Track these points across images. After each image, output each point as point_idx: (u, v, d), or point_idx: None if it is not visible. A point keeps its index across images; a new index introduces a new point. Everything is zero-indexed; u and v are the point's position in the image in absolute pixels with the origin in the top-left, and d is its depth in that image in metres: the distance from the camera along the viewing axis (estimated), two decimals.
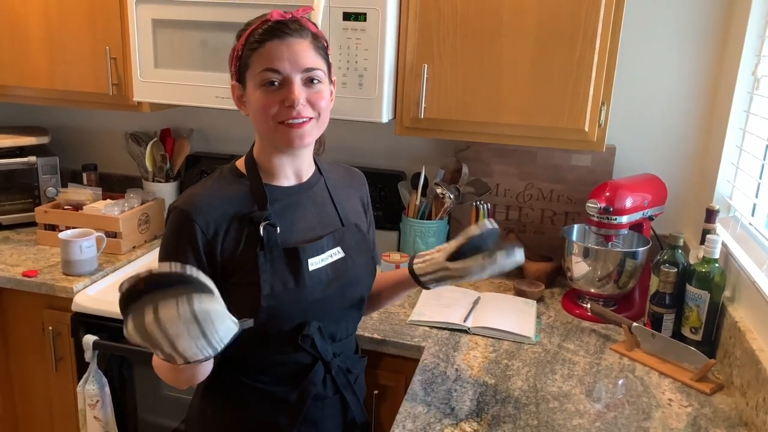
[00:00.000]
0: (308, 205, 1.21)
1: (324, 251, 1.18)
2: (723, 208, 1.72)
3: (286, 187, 1.19)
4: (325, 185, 1.25)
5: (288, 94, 1.07)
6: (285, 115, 1.08)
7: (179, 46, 1.80)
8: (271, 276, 1.11)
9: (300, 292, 1.13)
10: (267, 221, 1.12)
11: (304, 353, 1.18)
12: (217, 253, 1.11)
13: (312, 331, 1.16)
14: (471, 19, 1.65)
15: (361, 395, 1.31)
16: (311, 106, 1.10)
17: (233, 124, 2.30)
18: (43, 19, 1.98)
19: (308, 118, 1.10)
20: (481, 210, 1.94)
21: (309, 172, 1.23)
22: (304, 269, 1.14)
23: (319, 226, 1.21)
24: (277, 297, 1.12)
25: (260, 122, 1.12)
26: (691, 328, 1.55)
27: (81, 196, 2.14)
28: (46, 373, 1.93)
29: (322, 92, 1.12)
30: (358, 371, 1.32)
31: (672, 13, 1.85)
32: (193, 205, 1.11)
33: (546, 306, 1.82)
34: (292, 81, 1.08)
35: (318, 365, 1.19)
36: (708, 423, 1.29)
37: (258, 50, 1.08)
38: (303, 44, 1.09)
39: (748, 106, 1.68)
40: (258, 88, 1.09)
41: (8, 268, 1.89)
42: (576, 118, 1.66)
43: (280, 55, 1.07)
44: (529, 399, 1.34)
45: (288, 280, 1.13)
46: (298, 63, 1.08)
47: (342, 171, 1.34)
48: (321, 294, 1.16)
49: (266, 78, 1.07)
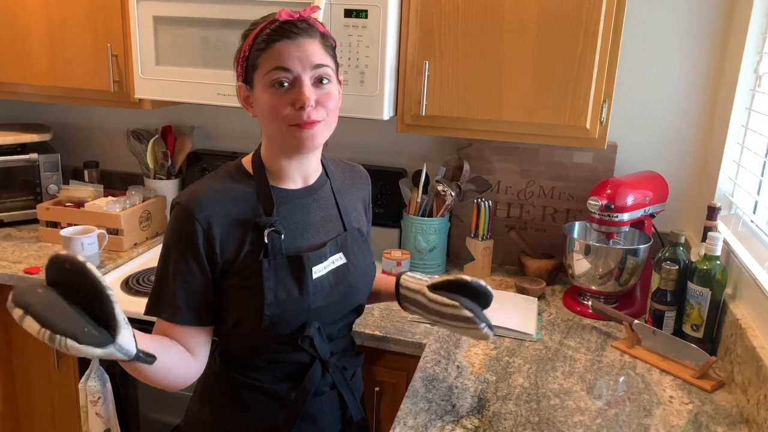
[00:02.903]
0: (313, 209, 1.19)
1: (327, 258, 1.17)
2: (724, 206, 1.72)
3: (292, 190, 1.17)
4: (330, 188, 1.24)
5: (298, 94, 1.06)
6: (296, 118, 1.07)
7: (180, 43, 1.80)
8: (274, 284, 1.10)
9: (303, 301, 1.13)
10: (272, 228, 1.11)
11: (302, 353, 1.17)
12: (218, 254, 1.09)
13: (312, 332, 1.15)
14: (472, 15, 1.65)
15: (357, 392, 1.31)
16: (321, 107, 1.09)
17: (235, 122, 2.30)
18: (45, 17, 1.98)
19: (318, 120, 1.09)
20: (483, 207, 1.93)
21: (316, 174, 1.22)
22: (308, 277, 1.13)
23: (322, 231, 1.19)
24: (281, 305, 1.11)
25: (270, 124, 1.09)
26: (692, 326, 1.55)
27: (83, 193, 2.14)
28: (47, 369, 1.94)
29: (331, 93, 1.10)
30: (354, 368, 1.31)
31: (674, 10, 1.85)
32: (197, 202, 1.09)
33: (547, 303, 1.82)
34: (302, 81, 1.06)
35: (316, 364, 1.19)
36: (709, 420, 1.29)
37: (267, 50, 1.06)
38: (313, 44, 1.07)
39: (749, 103, 1.67)
40: (267, 89, 1.07)
41: (10, 265, 1.90)
42: (577, 116, 1.65)
43: (290, 55, 1.05)
44: (530, 396, 1.34)
45: (292, 289, 1.12)
46: (308, 62, 1.06)
47: (347, 170, 1.32)
48: (323, 301, 1.16)
49: (276, 78, 1.06)
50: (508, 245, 2.05)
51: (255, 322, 1.10)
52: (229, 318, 1.14)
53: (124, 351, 0.88)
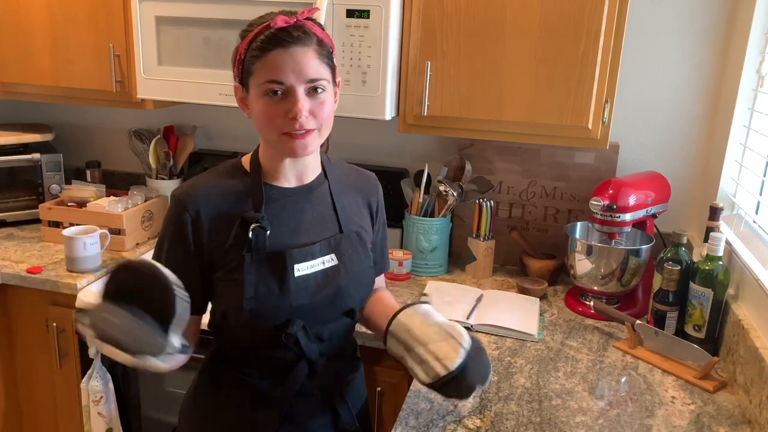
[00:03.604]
0: (306, 208, 1.20)
1: (315, 257, 1.17)
2: (727, 206, 1.72)
3: (285, 188, 1.19)
4: (328, 189, 1.24)
5: (291, 105, 1.06)
6: (288, 127, 1.07)
7: (183, 43, 1.80)
8: (255, 278, 1.12)
9: (284, 297, 1.13)
10: (258, 223, 1.12)
11: (287, 350, 1.17)
12: (204, 244, 1.14)
13: (296, 329, 1.15)
14: (474, 16, 1.65)
15: (354, 400, 1.29)
16: (314, 116, 1.08)
17: (236, 122, 2.30)
18: (47, 17, 1.98)
19: (312, 129, 1.09)
20: (484, 207, 1.93)
21: (313, 174, 1.22)
22: (290, 274, 1.13)
23: (313, 230, 1.20)
24: (261, 300, 1.12)
25: (264, 130, 1.11)
26: (694, 326, 1.55)
27: (85, 193, 2.14)
28: (50, 369, 1.94)
29: (325, 102, 1.09)
30: (351, 374, 1.30)
31: (676, 10, 1.84)
32: (189, 195, 1.14)
33: (549, 303, 1.82)
34: (295, 92, 1.06)
35: (302, 363, 1.19)
36: (711, 421, 1.28)
37: (261, 59, 1.05)
38: (307, 53, 1.06)
39: (752, 104, 1.67)
40: (261, 96, 1.07)
41: (12, 265, 1.90)
42: (580, 116, 1.65)
43: (284, 66, 1.04)
44: (532, 396, 1.34)
45: (272, 285, 1.13)
46: (302, 74, 1.05)
47: (353, 174, 1.32)
48: (307, 300, 1.15)
49: (269, 88, 1.06)
50: (509, 245, 2.05)
51: (238, 315, 1.13)
52: (217, 310, 1.18)
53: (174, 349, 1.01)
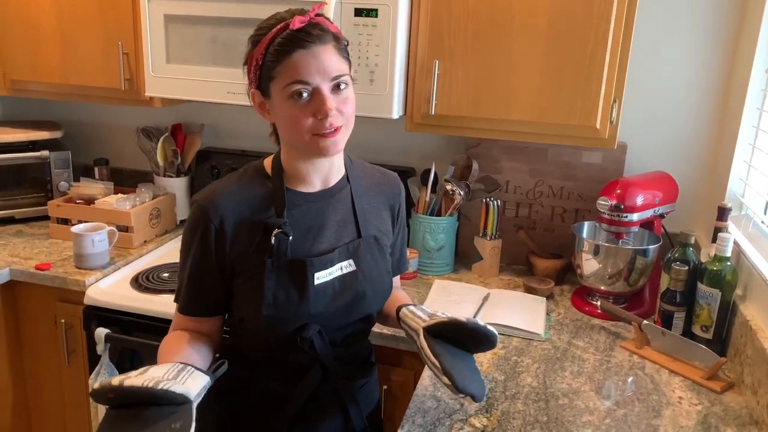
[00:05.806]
0: (328, 213, 1.19)
1: (334, 264, 1.16)
2: (735, 206, 1.71)
3: (308, 193, 1.18)
4: (350, 192, 1.23)
5: (320, 105, 1.05)
6: (319, 128, 1.07)
7: (191, 42, 1.81)
8: (274, 285, 1.11)
9: (302, 305, 1.13)
10: (280, 229, 1.11)
11: (302, 353, 1.16)
12: (227, 252, 1.13)
13: (311, 333, 1.14)
14: (482, 15, 1.65)
15: (366, 403, 1.29)
16: (340, 113, 1.09)
17: (244, 120, 2.30)
18: (56, 15, 1.99)
19: (340, 126, 1.09)
20: (491, 207, 1.93)
21: (336, 177, 1.21)
22: (309, 283, 1.13)
23: (334, 236, 1.19)
24: (279, 307, 1.12)
25: (292, 134, 1.10)
26: (701, 327, 1.55)
27: (93, 191, 2.15)
28: (58, 365, 1.95)
29: (349, 98, 1.10)
30: (366, 379, 1.29)
31: (685, 10, 1.84)
32: (212, 201, 1.12)
33: (556, 303, 1.82)
34: (322, 92, 1.06)
35: (316, 367, 1.19)
36: (718, 421, 1.28)
37: (282, 62, 1.04)
38: (327, 50, 1.06)
39: (761, 104, 1.66)
40: (287, 100, 1.06)
41: (21, 261, 1.91)
42: (587, 116, 1.65)
43: (308, 67, 1.04)
44: (538, 395, 1.34)
45: (291, 293, 1.12)
46: (326, 72, 1.05)
47: (377, 176, 1.30)
48: (324, 308, 1.15)
49: (295, 91, 1.05)
50: (516, 245, 2.05)
51: (255, 320, 1.13)
52: (235, 314, 1.18)
53: (204, 390, 1.02)
